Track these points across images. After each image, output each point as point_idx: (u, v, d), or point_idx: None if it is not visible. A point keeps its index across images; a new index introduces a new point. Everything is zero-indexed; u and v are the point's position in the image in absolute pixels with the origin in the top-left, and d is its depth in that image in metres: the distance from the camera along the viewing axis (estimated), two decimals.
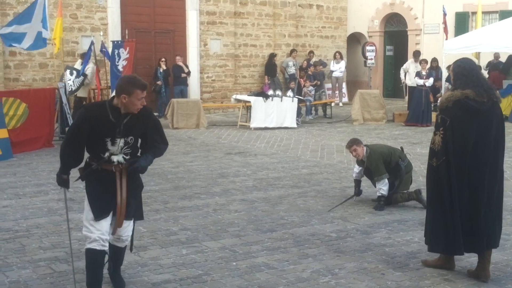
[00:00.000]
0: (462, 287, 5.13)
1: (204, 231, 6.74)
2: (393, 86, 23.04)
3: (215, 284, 5.23)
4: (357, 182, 8.23)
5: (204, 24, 19.13)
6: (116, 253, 5.08)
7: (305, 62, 20.26)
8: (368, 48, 22.20)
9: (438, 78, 16.98)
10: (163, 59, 17.61)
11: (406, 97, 18.55)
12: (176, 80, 17.86)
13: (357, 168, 8.22)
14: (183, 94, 17.89)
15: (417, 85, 16.19)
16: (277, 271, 5.52)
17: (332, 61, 20.96)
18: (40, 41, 13.06)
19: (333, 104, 19.29)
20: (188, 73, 18.08)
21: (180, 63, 17.89)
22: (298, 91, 17.88)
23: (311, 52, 21.07)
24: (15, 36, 12.91)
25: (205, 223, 7.03)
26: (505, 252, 6.03)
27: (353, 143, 8.05)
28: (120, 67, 15.40)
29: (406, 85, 17.87)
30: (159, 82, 17.50)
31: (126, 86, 4.64)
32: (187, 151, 12.16)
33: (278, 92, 15.94)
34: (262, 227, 6.91)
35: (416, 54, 17.56)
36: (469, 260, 5.69)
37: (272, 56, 19.85)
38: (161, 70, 17.55)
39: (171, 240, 6.39)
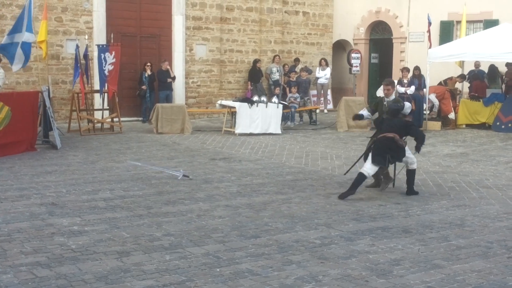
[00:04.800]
0: None
1: (188, 236, 6.70)
2: (377, 96, 23.11)
3: None
4: (360, 116, 9.67)
5: (190, 29, 19.12)
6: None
7: (286, 67, 20.31)
8: (353, 55, 22.30)
9: (420, 87, 17.05)
10: (148, 64, 17.56)
11: None
12: (162, 85, 17.81)
13: (364, 111, 9.80)
14: (169, 99, 17.85)
15: (398, 93, 16.25)
16: (261, 278, 5.50)
17: (318, 68, 21.02)
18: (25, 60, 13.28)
19: (318, 111, 19.33)
20: (174, 78, 18.04)
21: (167, 67, 17.84)
22: (284, 97, 17.92)
23: (297, 59, 21.12)
24: (9, 50, 13.09)
25: (188, 229, 7.00)
26: (488, 260, 6.06)
27: (390, 83, 9.83)
28: (106, 72, 15.35)
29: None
30: (144, 87, 17.44)
31: None
32: (171, 156, 12.12)
33: (263, 98, 15.95)
34: (246, 233, 6.89)
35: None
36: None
37: (255, 62, 19.86)
38: (146, 75, 17.50)
39: (154, 246, 6.35)
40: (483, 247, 6.48)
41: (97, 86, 15.99)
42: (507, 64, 17.89)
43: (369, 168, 8.85)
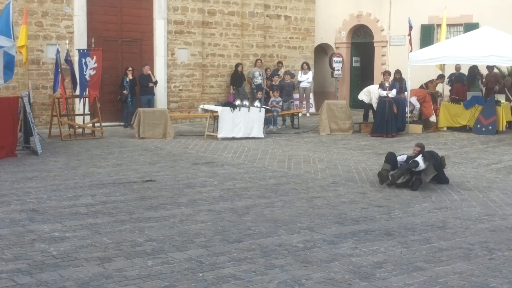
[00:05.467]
0: None
1: (170, 242, 6.67)
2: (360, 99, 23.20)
3: None
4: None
5: (171, 33, 19.07)
6: None
7: (268, 71, 20.33)
8: (335, 59, 22.39)
9: (402, 90, 17.15)
10: (130, 68, 17.48)
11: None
12: (144, 89, 17.74)
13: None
14: (151, 103, 17.77)
15: (380, 96, 16.34)
16: (244, 282, 5.48)
17: (300, 71, 21.06)
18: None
19: (300, 115, 19.35)
20: (155, 83, 17.98)
21: (148, 72, 17.78)
22: (266, 101, 17.93)
23: (280, 62, 21.15)
24: None
25: (171, 234, 6.96)
26: (470, 262, 6.10)
27: (421, 147, 10.28)
28: (87, 76, 15.25)
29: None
30: (125, 92, 17.35)
31: None
32: (154, 161, 12.06)
33: (246, 102, 15.94)
34: (229, 238, 6.87)
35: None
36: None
37: (237, 66, 19.86)
38: (127, 79, 17.41)
39: (136, 251, 6.31)
40: (464, 249, 6.52)
41: (78, 91, 15.85)
42: (488, 67, 18.06)
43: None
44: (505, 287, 5.40)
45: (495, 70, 18.49)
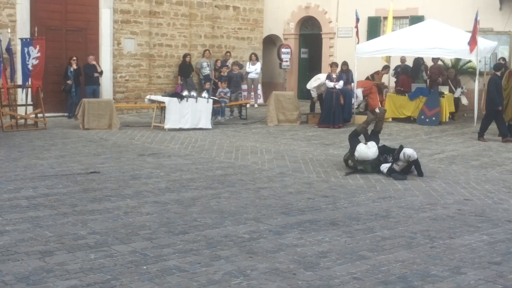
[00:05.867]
0: (370, 285, 5.23)
1: (114, 234, 6.55)
2: (307, 89, 23.34)
3: None
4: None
5: (118, 22, 18.73)
6: None
7: (218, 62, 20.23)
8: (283, 50, 22.44)
9: (349, 81, 17.33)
10: (74, 58, 17.11)
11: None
12: (89, 79, 17.38)
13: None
14: (96, 94, 17.44)
15: (327, 88, 16.46)
16: (188, 274, 5.43)
17: (248, 62, 21.04)
18: None
19: (248, 106, 19.36)
20: (101, 73, 17.65)
21: (93, 62, 17.43)
22: (215, 92, 17.83)
23: (228, 52, 21.07)
24: None
25: (115, 226, 6.85)
26: (412, 250, 6.20)
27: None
28: (30, 66, 14.86)
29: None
30: (69, 82, 16.98)
31: None
32: (98, 153, 11.84)
33: (193, 93, 15.82)
34: (174, 230, 6.80)
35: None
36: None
37: (185, 56, 19.68)
38: (71, 69, 17.04)
39: (78, 245, 6.17)
40: (407, 238, 6.64)
41: (20, 81, 15.44)
42: (432, 59, 18.40)
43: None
44: (445, 274, 5.52)
45: (439, 62, 18.88)
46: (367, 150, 10.30)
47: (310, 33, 23.48)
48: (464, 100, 18.37)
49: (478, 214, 7.72)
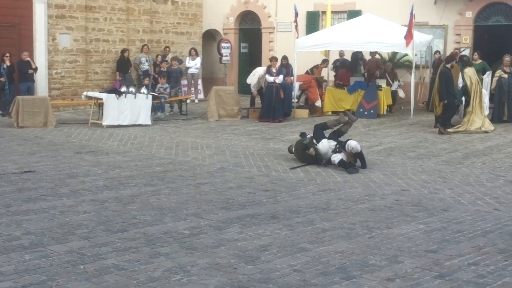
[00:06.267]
0: (310, 277, 5.25)
1: (50, 234, 6.37)
2: (248, 83, 23.35)
3: None
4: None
5: (52, 17, 18.25)
6: None
7: (159, 57, 19.98)
8: (223, 45, 22.36)
9: (288, 75, 17.40)
10: (7, 54, 16.55)
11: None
12: (23, 76, 16.85)
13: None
14: (30, 91, 16.93)
15: (267, 82, 16.50)
16: (127, 272, 5.33)
17: (188, 57, 20.87)
18: None
19: (188, 101, 19.22)
20: (35, 69, 17.16)
21: (27, 59, 16.93)
22: (154, 88, 17.62)
23: (167, 47, 20.84)
24: None
25: (51, 226, 6.66)
26: (351, 241, 6.27)
27: None
28: None
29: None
30: (2, 79, 16.43)
31: None
32: (33, 151, 11.51)
33: (132, 89, 15.58)
34: (113, 228, 6.67)
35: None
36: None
37: (123, 51, 19.36)
38: (4, 66, 16.50)
39: (13, 246, 5.97)
40: (346, 229, 6.71)
41: None
42: (370, 53, 18.69)
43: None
44: (383, 263, 5.60)
45: (377, 56, 19.18)
46: (328, 148, 10.30)
47: (250, 27, 23.48)
48: (401, 93, 18.77)
49: (415, 204, 7.88)
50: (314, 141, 10.46)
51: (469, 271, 5.43)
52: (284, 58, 18.02)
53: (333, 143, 10.38)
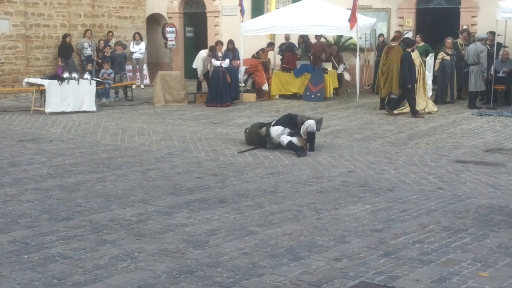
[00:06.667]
0: (259, 259, 5.26)
1: None
2: (194, 68, 23.14)
3: (4, 280, 4.81)
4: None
5: None
6: None
7: (101, 42, 19.58)
8: (168, 29, 22.08)
9: (235, 59, 17.32)
10: None
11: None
12: None
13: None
14: None
15: (214, 66, 16.39)
16: (73, 261, 5.23)
17: (132, 42, 20.53)
18: None
19: (134, 86, 18.93)
20: None
21: None
22: (97, 74, 17.28)
23: (110, 32, 20.43)
24: None
25: None
26: (299, 223, 6.31)
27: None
28: None
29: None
30: None
31: None
32: None
33: (75, 75, 15.22)
34: (58, 216, 6.53)
35: (213, 49, 17.51)
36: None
37: (65, 37, 18.88)
38: None
39: None
40: (294, 211, 6.74)
41: None
42: (316, 37, 18.77)
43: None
44: (330, 244, 5.65)
45: (322, 39, 19.29)
46: (280, 133, 10.32)
47: (195, 11, 23.25)
48: (347, 76, 18.94)
49: (361, 185, 7.99)
50: (273, 123, 10.50)
51: (414, 248, 5.54)
52: (230, 42, 17.89)
53: (287, 130, 10.35)
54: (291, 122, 10.52)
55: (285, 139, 10.14)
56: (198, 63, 17.17)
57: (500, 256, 5.35)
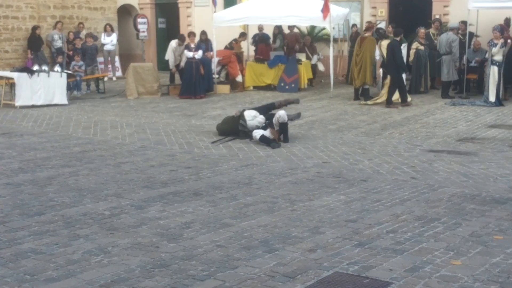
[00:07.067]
0: (234, 252, 5.25)
1: None
2: (166, 60, 22.98)
3: None
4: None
5: None
6: None
7: (71, 34, 19.32)
8: (139, 20, 21.80)
9: (208, 51, 17.23)
10: None
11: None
12: None
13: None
14: None
15: (187, 58, 16.28)
16: (45, 256, 5.16)
17: (103, 34, 20.30)
18: None
19: (106, 79, 18.73)
20: None
21: None
22: (68, 66, 17.05)
23: (81, 23, 20.17)
24: None
25: None
26: (273, 214, 6.30)
27: None
28: None
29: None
30: None
31: None
32: None
33: (45, 67, 15.00)
34: (29, 211, 6.43)
35: (181, 37, 17.39)
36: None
37: (34, 29, 18.59)
38: None
39: None
40: (269, 203, 6.73)
41: None
42: (289, 27, 18.74)
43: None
44: (305, 235, 5.66)
45: (295, 30, 19.27)
46: (253, 117, 10.46)
47: (167, 2, 23.03)
48: (321, 67, 18.96)
49: (336, 175, 8.01)
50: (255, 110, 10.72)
51: (387, 238, 5.57)
52: (203, 33, 17.78)
53: (261, 117, 10.38)
54: (267, 109, 10.69)
55: (257, 133, 10.11)
56: (169, 54, 17.05)
57: (472, 245, 5.41)
